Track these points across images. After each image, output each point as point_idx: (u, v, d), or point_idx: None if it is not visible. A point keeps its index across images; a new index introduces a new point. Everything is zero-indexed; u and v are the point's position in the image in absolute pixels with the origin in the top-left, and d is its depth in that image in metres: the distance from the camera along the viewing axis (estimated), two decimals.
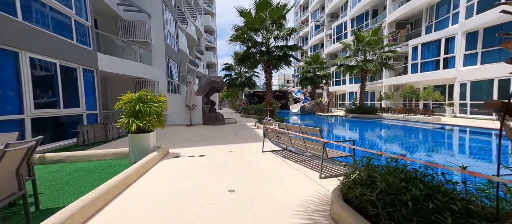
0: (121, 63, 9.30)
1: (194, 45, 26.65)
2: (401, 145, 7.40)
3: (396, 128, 11.33)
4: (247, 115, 18.39)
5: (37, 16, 5.75)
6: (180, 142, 7.06)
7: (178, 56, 15.28)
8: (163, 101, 5.16)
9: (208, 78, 12.59)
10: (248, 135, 8.44)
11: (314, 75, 24.85)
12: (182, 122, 12.10)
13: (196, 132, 9.32)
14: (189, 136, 8.29)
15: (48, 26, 6.00)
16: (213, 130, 9.94)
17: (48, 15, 6.06)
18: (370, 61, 15.18)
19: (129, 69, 9.68)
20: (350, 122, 14.19)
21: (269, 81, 11.56)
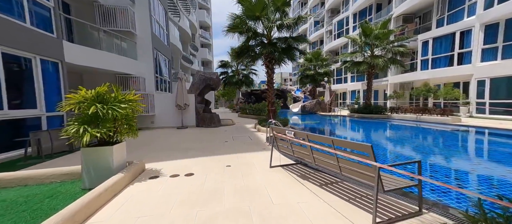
0: (98, 55, 7.83)
1: (188, 41, 25.11)
2: (429, 153, 6.17)
3: (413, 130, 10.15)
4: (245, 115, 17.04)
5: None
6: (165, 152, 5.66)
7: (169, 51, 13.79)
8: (135, 101, 3.75)
9: (201, 75, 11.19)
10: (249, 141, 7.11)
11: (315, 72, 23.65)
12: (173, 124, 10.68)
13: (187, 137, 7.93)
14: (178, 142, 6.90)
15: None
16: (207, 134, 8.57)
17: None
18: (379, 56, 13.99)
19: (108, 62, 8.21)
20: (356, 123, 12.98)
21: (270, 78, 10.23)
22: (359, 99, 23.64)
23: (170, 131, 9.39)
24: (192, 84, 11.26)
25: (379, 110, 14.84)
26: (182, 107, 10.35)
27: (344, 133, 10.13)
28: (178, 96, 10.26)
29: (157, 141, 7.18)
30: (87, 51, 7.36)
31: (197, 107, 10.94)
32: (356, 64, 14.73)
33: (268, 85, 10.33)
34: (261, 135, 8.22)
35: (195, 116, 11.04)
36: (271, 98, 10.27)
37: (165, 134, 8.61)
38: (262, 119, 10.49)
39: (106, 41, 8.75)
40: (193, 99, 10.96)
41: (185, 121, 10.79)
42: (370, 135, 9.22)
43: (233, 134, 8.62)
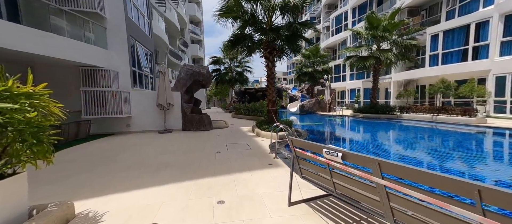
0: (51, 40, 5.96)
1: (176, 35, 23.12)
2: (473, 163, 4.77)
3: (434, 133, 8.85)
4: (239, 115, 15.38)
5: None
6: (128, 172, 3.94)
7: (152, 42, 11.91)
8: (42, 99, 2.02)
9: (189, 68, 9.43)
10: (247, 150, 5.48)
11: (313, 70, 22.28)
12: (154, 127, 8.88)
13: (168, 145, 6.20)
14: (153, 155, 5.17)
15: None
16: (194, 140, 6.86)
17: None
18: (388, 50, 12.68)
19: (66, 50, 6.35)
20: (364, 125, 11.61)
21: (271, 72, 8.63)
22: (359, 98, 22.49)
23: (149, 137, 7.61)
24: (177, 79, 9.48)
25: (387, 110, 13.58)
26: (165, 107, 8.57)
27: (355, 137, 8.69)
28: (159, 93, 8.47)
29: (126, 152, 5.42)
30: (30, 34, 5.48)
31: (184, 107, 9.19)
32: (362, 59, 13.38)
33: (268, 80, 8.73)
34: (262, 142, 6.60)
35: (181, 117, 9.28)
36: (272, 96, 8.67)
37: (141, 141, 6.83)
38: (261, 121, 8.87)
39: (62, 23, 6.85)
40: (178, 98, 9.20)
41: (169, 124, 9.02)
42: (388, 140, 7.80)
43: (228, 140, 6.96)
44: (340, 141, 7.81)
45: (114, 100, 7.72)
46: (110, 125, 8.33)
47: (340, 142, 7.61)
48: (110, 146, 6.26)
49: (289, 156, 4.95)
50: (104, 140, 7.13)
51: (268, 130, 7.42)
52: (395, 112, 13.32)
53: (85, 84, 7.43)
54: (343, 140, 7.97)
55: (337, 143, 7.37)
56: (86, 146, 6.28)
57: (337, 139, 8.19)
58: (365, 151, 6.11)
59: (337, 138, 8.39)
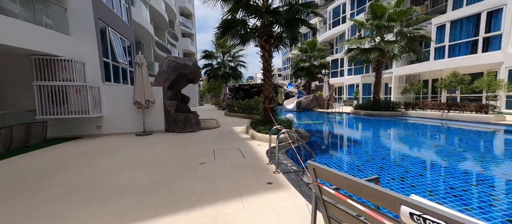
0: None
1: (164, 27, 21.51)
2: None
3: (450, 133, 7.92)
4: (233, 113, 14.18)
5: None
6: (59, 202, 2.70)
7: (131, 31, 10.47)
8: None
9: (172, 60, 8.11)
10: (241, 160, 4.31)
11: (310, 64, 21.22)
12: (131, 128, 7.58)
13: (139, 154, 4.95)
14: (110, 171, 3.93)
15: None
16: (176, 145, 5.63)
17: None
18: (393, 42, 11.68)
19: (12, 34, 4.96)
20: (367, 123, 10.63)
21: (268, 64, 7.43)
22: (358, 94, 21.64)
23: (122, 141, 6.32)
24: (159, 73, 8.16)
25: (391, 106, 12.66)
26: (143, 105, 7.27)
27: (365, 138, 7.66)
28: (136, 89, 7.16)
29: (77, 166, 4.15)
30: None
31: (167, 105, 7.90)
32: (365, 51, 12.34)
33: (264, 73, 7.53)
34: (258, 146, 5.45)
35: (163, 117, 8.00)
36: (268, 92, 7.49)
37: (109, 147, 5.55)
38: (256, 121, 7.72)
39: (6, 1, 5.44)
40: (160, 94, 7.90)
41: (149, 125, 7.73)
42: (402, 141, 6.79)
43: (216, 144, 5.77)
44: (351, 144, 6.74)
45: (78, 96, 6.36)
46: (75, 127, 6.98)
47: (351, 145, 6.55)
48: (64, 155, 4.96)
49: (293, 168, 3.82)
50: (63, 146, 5.80)
51: (265, 132, 6.28)
52: (400, 109, 12.43)
53: (40, 77, 6.04)
54: (354, 142, 6.91)
55: (348, 148, 6.30)
56: (32, 155, 4.95)
57: (344, 141, 7.13)
58: (387, 157, 5.06)
59: (344, 140, 7.32)
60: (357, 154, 5.37)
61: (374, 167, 4.32)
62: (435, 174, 3.93)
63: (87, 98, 6.43)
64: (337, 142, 6.97)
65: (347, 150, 5.80)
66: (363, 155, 5.21)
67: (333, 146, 6.47)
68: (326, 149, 6.02)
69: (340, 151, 5.73)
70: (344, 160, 4.95)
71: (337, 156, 5.29)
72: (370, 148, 5.88)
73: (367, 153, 5.38)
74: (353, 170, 4.23)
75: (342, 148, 6.08)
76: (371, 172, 4.03)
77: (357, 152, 5.57)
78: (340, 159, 5.01)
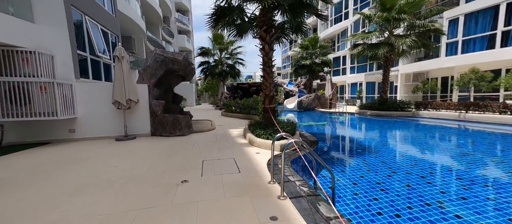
0: None
1: (158, 23, 20.48)
2: None
3: (474, 137, 7.01)
4: (230, 113, 13.21)
5: None
6: None
7: (117, 24, 9.44)
8: None
9: (159, 54, 7.11)
10: (234, 177, 3.32)
11: (312, 62, 20.27)
12: (111, 132, 6.58)
13: (106, 167, 3.96)
14: (51, 199, 2.94)
15: None
16: (157, 154, 4.65)
17: None
18: (404, 36, 10.74)
19: None
20: (375, 124, 9.72)
21: (268, 58, 6.46)
22: (361, 93, 20.73)
23: (96, 148, 5.33)
24: (144, 68, 7.16)
25: (401, 106, 11.74)
26: (124, 105, 6.27)
27: (377, 140, 6.72)
28: (115, 86, 6.15)
29: (14, 187, 3.17)
30: None
31: (153, 105, 6.91)
32: (373, 47, 11.39)
33: (264, 69, 6.55)
34: (257, 155, 4.49)
35: (149, 119, 7.01)
36: (269, 90, 6.51)
37: (76, 156, 4.56)
38: (255, 123, 6.75)
39: None
40: (145, 93, 6.91)
41: (132, 128, 6.74)
42: (423, 147, 5.87)
43: (208, 151, 4.80)
44: (364, 151, 5.79)
45: (43, 95, 5.36)
46: (43, 131, 5.97)
47: (364, 153, 5.60)
48: (9, 169, 3.96)
49: (304, 189, 2.85)
50: (18, 156, 4.80)
51: (265, 137, 5.32)
52: (410, 109, 11.51)
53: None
54: (368, 150, 5.97)
55: (361, 157, 5.35)
56: None
57: (355, 148, 6.18)
58: (412, 171, 4.12)
59: (354, 146, 6.38)
60: (373, 165, 4.43)
61: (399, 186, 3.38)
62: (481, 197, 2.98)
63: (55, 97, 5.42)
64: (347, 149, 6.02)
65: (361, 160, 4.85)
66: (382, 167, 4.28)
67: (343, 154, 5.51)
68: (336, 159, 5.07)
69: (352, 162, 4.78)
70: (359, 174, 4.00)
71: (350, 169, 4.33)
72: (388, 158, 4.94)
73: (386, 165, 4.44)
74: (374, 190, 3.28)
75: (355, 158, 5.12)
76: (398, 194, 3.09)
77: (374, 163, 4.62)
78: (355, 173, 4.06)
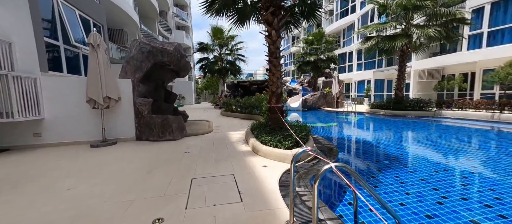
0: None
1: (154, 17, 19.36)
2: None
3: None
4: (230, 113, 12.12)
5: None
6: None
7: (101, 11, 8.33)
8: None
9: (144, 43, 5.99)
10: (236, 212, 2.21)
11: (317, 58, 19.12)
12: (87, 136, 5.49)
13: (55, 192, 2.87)
14: None
15: None
16: (133, 172, 3.54)
17: None
18: (426, 26, 9.56)
19: None
20: (394, 126, 8.62)
21: (276, 47, 5.33)
22: (369, 91, 19.58)
23: (65, 156, 4.25)
24: (127, 60, 6.04)
25: (419, 105, 10.60)
26: (101, 103, 5.17)
27: (405, 148, 5.61)
28: (90, 82, 5.05)
29: None
30: None
31: (137, 103, 5.81)
32: (389, 39, 10.22)
33: (271, 61, 5.42)
34: (264, 170, 3.37)
35: (133, 120, 5.92)
36: (276, 86, 5.39)
37: (28, 172, 3.47)
38: (259, 126, 5.65)
39: None
40: (128, 89, 5.81)
41: (112, 131, 5.66)
42: (467, 157, 4.76)
43: (200, 163, 3.70)
44: (396, 163, 4.68)
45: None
46: (1, 135, 4.88)
47: (396, 166, 4.49)
48: None
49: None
50: None
51: (273, 144, 4.21)
52: (430, 108, 10.37)
53: None
54: (400, 162, 4.86)
55: (394, 171, 4.24)
56: None
57: (382, 158, 5.07)
58: (470, 194, 3.03)
59: (380, 156, 5.26)
60: (412, 185, 3.33)
61: (459, 218, 2.28)
62: None
63: (9, 94, 4.32)
64: (371, 160, 4.90)
65: (392, 176, 3.75)
66: (425, 189, 3.19)
67: (369, 167, 4.40)
68: (362, 175, 3.96)
69: (382, 179, 3.67)
70: (397, 199, 2.91)
71: (384, 191, 3.22)
72: (427, 173, 3.83)
73: (428, 185, 3.34)
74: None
75: (384, 173, 4.00)
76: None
77: (411, 181, 3.52)
78: (391, 197, 2.96)
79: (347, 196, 3.07)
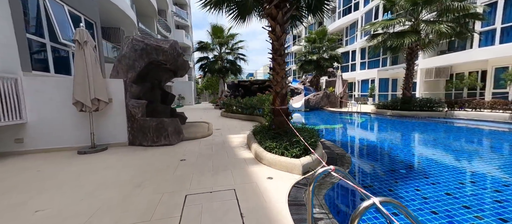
0: None
1: (153, 15, 18.92)
2: None
3: None
4: (231, 114, 11.66)
5: None
6: None
7: (93, 7, 7.88)
8: None
9: (138, 40, 5.53)
10: None
11: (320, 57, 18.62)
12: (75, 141, 5.04)
13: (21, 214, 2.43)
14: None
15: None
16: (117, 186, 3.06)
17: None
18: (437, 22, 9.05)
19: None
20: (402, 127, 8.15)
21: (280, 43, 4.85)
22: (373, 91, 19.08)
23: (45, 165, 3.80)
24: (118, 59, 5.58)
25: (429, 106, 10.11)
26: (89, 106, 4.71)
27: (424, 153, 5.14)
28: (76, 82, 4.60)
29: None
30: None
31: (130, 106, 5.35)
32: (398, 36, 9.72)
33: (275, 58, 4.94)
34: (270, 184, 2.88)
35: (126, 124, 5.46)
36: (281, 86, 4.92)
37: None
38: (261, 129, 5.18)
39: None
40: (120, 90, 5.36)
41: (103, 135, 5.21)
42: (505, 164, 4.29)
43: (196, 174, 3.24)
44: (411, 171, 4.22)
45: None
46: None
47: (414, 175, 4.02)
48: None
49: None
50: None
51: (279, 152, 3.75)
52: (440, 109, 9.87)
53: None
54: (416, 170, 4.40)
55: (414, 181, 3.77)
56: None
57: (399, 166, 4.60)
58: None
59: (397, 162, 4.79)
60: (440, 203, 2.86)
61: None
62: None
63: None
64: (388, 168, 4.42)
65: (412, 190, 3.29)
66: (452, 204, 2.73)
67: (384, 177, 3.93)
68: (375, 185, 3.50)
69: (404, 193, 3.21)
70: (425, 218, 2.45)
71: (407, 207, 2.75)
72: (453, 185, 3.36)
73: (456, 200, 2.87)
74: None
75: (403, 185, 3.54)
76: None
77: (435, 195, 3.05)
78: (417, 217, 2.48)
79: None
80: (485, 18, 9.26)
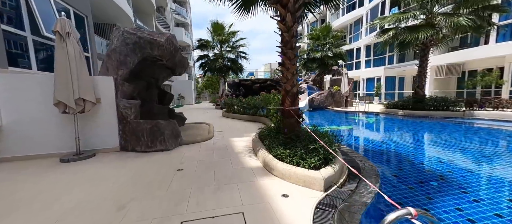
0: None
1: (151, 12, 18.32)
2: None
3: None
4: (232, 114, 11.06)
5: None
6: None
7: (86, 1, 7.26)
8: None
9: (129, 33, 4.92)
10: None
11: (324, 55, 18.00)
12: (58, 147, 4.44)
13: None
14: None
15: None
16: (97, 208, 2.48)
17: None
18: (455, 14, 8.40)
19: None
20: (420, 129, 7.54)
21: (291, 35, 4.24)
22: (379, 89, 18.44)
23: (18, 177, 3.22)
24: (108, 54, 4.97)
25: (444, 105, 9.47)
26: (73, 108, 4.11)
27: (457, 157, 4.53)
28: (57, 81, 4.00)
29: None
30: None
31: (121, 106, 4.75)
32: (411, 30, 9.07)
33: (284, 52, 4.33)
34: (285, 201, 2.28)
35: (117, 127, 4.87)
36: (291, 84, 4.31)
37: None
38: (269, 132, 4.58)
39: None
40: (110, 89, 4.76)
41: (91, 140, 4.62)
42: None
43: (195, 190, 2.62)
44: (446, 185, 3.62)
45: None
46: None
47: (451, 187, 3.42)
48: None
49: None
50: None
51: (294, 161, 3.15)
52: (458, 108, 9.23)
53: None
54: (450, 183, 3.80)
55: (454, 196, 3.17)
56: None
57: (428, 177, 4.00)
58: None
59: (426, 173, 4.18)
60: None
61: None
62: None
63: None
64: (415, 180, 3.80)
65: (454, 208, 2.70)
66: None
67: (414, 193, 3.32)
68: (409, 202, 2.89)
69: (443, 214, 2.62)
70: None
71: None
72: (498, 200, 2.78)
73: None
74: None
75: (441, 201, 2.93)
76: None
77: (484, 218, 2.45)
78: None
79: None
80: (508, 10, 8.60)
